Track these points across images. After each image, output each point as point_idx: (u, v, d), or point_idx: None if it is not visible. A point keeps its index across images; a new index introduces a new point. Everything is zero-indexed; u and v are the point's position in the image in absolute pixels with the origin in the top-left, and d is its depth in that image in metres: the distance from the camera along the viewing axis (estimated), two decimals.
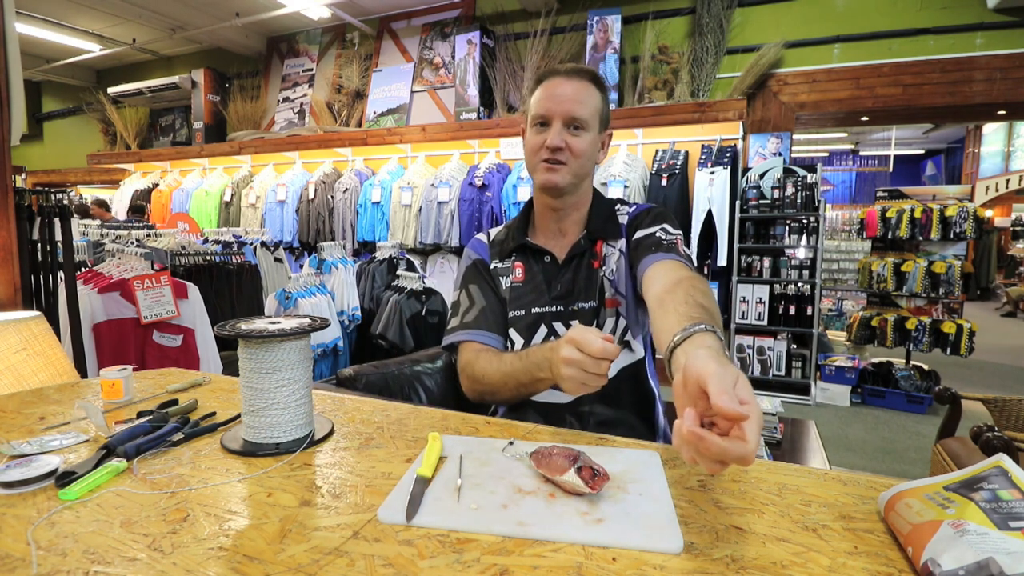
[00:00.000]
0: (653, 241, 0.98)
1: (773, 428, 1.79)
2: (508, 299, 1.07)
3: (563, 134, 0.97)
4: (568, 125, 0.98)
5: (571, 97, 0.98)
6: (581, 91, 0.99)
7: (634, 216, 1.06)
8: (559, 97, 0.98)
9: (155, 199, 5.70)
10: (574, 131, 0.98)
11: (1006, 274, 9.91)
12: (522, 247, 1.08)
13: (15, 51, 1.70)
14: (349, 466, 0.68)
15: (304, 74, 5.66)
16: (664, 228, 1.00)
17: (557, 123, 0.98)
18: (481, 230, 1.16)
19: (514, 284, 1.07)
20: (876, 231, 4.06)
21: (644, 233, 1.01)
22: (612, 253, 1.04)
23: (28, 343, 1.30)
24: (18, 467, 0.63)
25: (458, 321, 1.06)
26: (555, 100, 0.98)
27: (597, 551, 0.50)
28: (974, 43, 3.61)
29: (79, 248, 2.51)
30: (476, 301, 1.06)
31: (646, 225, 1.02)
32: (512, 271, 1.08)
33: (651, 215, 1.04)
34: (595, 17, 4.18)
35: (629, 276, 1.03)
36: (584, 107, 0.98)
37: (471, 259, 1.12)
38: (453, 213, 4.27)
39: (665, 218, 1.03)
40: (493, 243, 1.13)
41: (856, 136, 10.84)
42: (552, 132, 0.98)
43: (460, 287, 1.11)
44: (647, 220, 1.03)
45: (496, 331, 1.04)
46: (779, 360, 3.82)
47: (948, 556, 0.43)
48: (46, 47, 6.08)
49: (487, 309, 1.05)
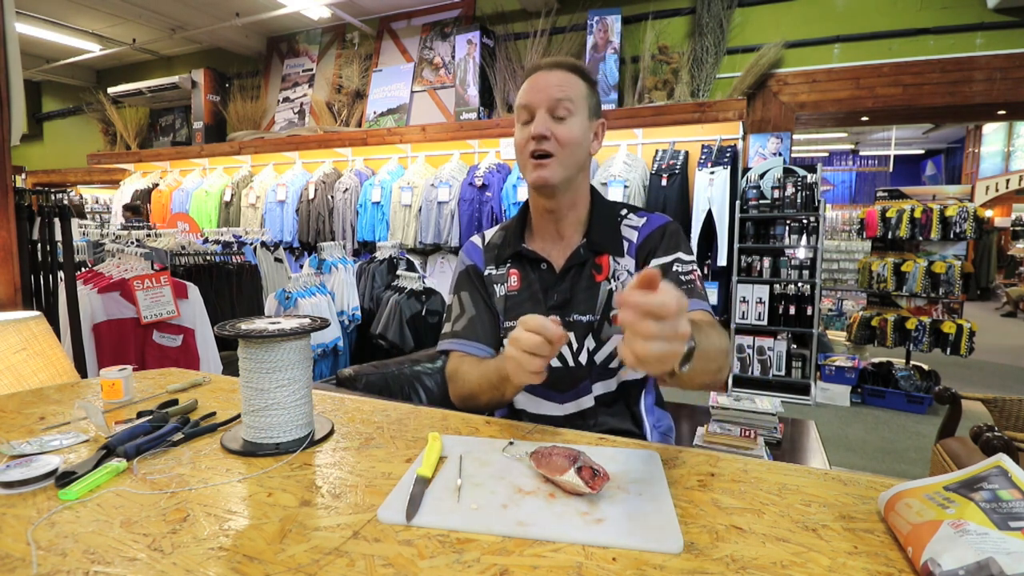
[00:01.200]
0: (671, 279, 0.94)
1: (773, 428, 1.79)
2: (504, 308, 1.03)
3: (548, 122, 0.94)
4: (552, 112, 0.94)
5: (553, 83, 0.95)
6: (564, 78, 0.96)
7: (646, 237, 1.01)
8: (540, 85, 0.96)
9: (155, 199, 5.69)
10: (559, 119, 0.95)
11: (1006, 274, 9.91)
12: (518, 254, 1.04)
13: (15, 51, 1.70)
14: (349, 466, 0.68)
15: (304, 74, 5.65)
16: (679, 258, 0.97)
17: (541, 111, 0.94)
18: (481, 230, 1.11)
19: (509, 293, 1.03)
20: (876, 231, 4.06)
21: (659, 263, 0.97)
22: (620, 272, 1.00)
23: (28, 343, 1.30)
24: (18, 467, 0.63)
25: (449, 328, 1.05)
26: (536, 89, 0.96)
27: (597, 551, 0.50)
28: (974, 43, 3.61)
29: (79, 248, 2.51)
30: (466, 310, 1.05)
31: (660, 253, 0.98)
32: (508, 279, 1.04)
33: (665, 237, 1.00)
34: (595, 17, 4.18)
35: None
36: (567, 90, 0.95)
37: (464, 264, 1.10)
38: (453, 213, 4.27)
39: (679, 240, 1.00)
40: (488, 247, 1.10)
41: (856, 136, 10.84)
42: (536, 121, 0.95)
43: (453, 292, 1.10)
44: (661, 245, 0.99)
45: (484, 341, 1.02)
46: (779, 360, 3.82)
47: (948, 556, 0.43)
48: (46, 47, 6.08)
49: (475, 319, 1.03)
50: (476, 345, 1.01)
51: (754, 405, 1.86)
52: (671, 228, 1.02)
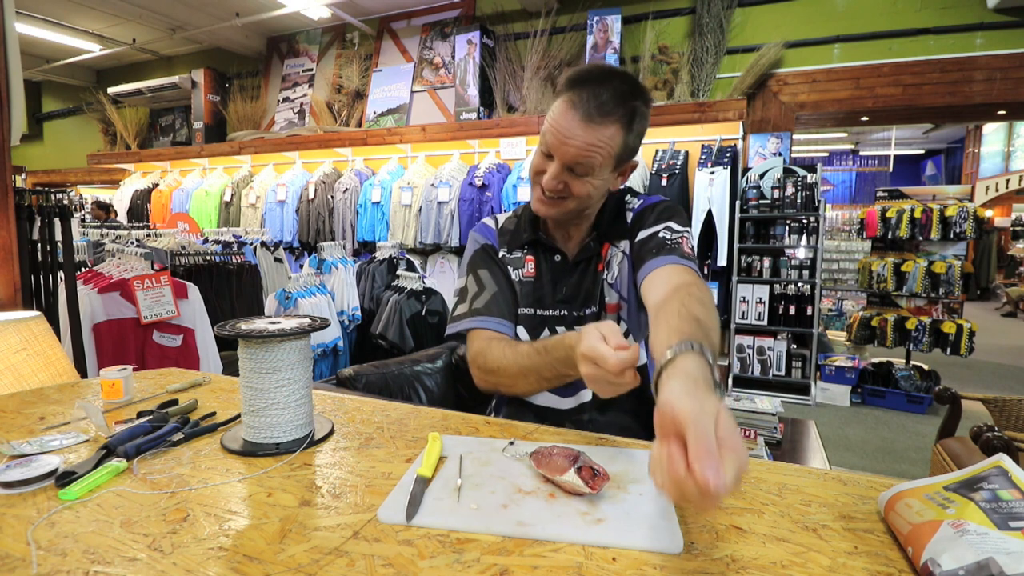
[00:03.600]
0: (656, 243, 0.92)
1: (773, 428, 1.79)
2: (520, 294, 1.01)
3: (563, 175, 0.87)
4: (571, 169, 0.87)
5: (581, 145, 0.84)
6: (598, 140, 0.83)
7: (639, 213, 0.99)
8: (566, 135, 0.84)
9: (155, 199, 5.69)
10: (579, 175, 0.87)
11: (1006, 274, 9.91)
12: (535, 241, 1.02)
13: (15, 51, 1.70)
14: (349, 466, 0.68)
15: (304, 74, 5.65)
16: (669, 226, 0.94)
17: (558, 164, 0.86)
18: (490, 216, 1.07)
19: (525, 279, 1.01)
20: (876, 231, 4.06)
21: (648, 233, 0.95)
22: (615, 255, 0.99)
23: (28, 343, 1.30)
24: (18, 467, 0.63)
25: (466, 307, 0.98)
26: (560, 137, 0.84)
27: (597, 551, 0.50)
28: (974, 43, 3.61)
29: (79, 248, 2.51)
30: (487, 286, 0.99)
31: (650, 224, 0.96)
32: (524, 264, 1.02)
33: (656, 211, 0.97)
34: (595, 17, 4.18)
35: (632, 278, 0.97)
36: (594, 157, 0.84)
37: (479, 243, 1.05)
38: (453, 213, 4.27)
39: (672, 214, 0.97)
40: (502, 230, 1.07)
41: (856, 136, 10.84)
42: (550, 173, 0.87)
43: (467, 272, 1.03)
44: (651, 218, 0.96)
45: (508, 318, 0.97)
46: (779, 360, 3.82)
47: (948, 556, 0.43)
48: (46, 47, 6.08)
49: (498, 295, 0.98)
50: (500, 322, 0.96)
51: (754, 405, 1.86)
52: (664, 204, 0.99)
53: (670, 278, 0.83)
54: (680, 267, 0.86)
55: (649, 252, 0.91)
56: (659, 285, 0.83)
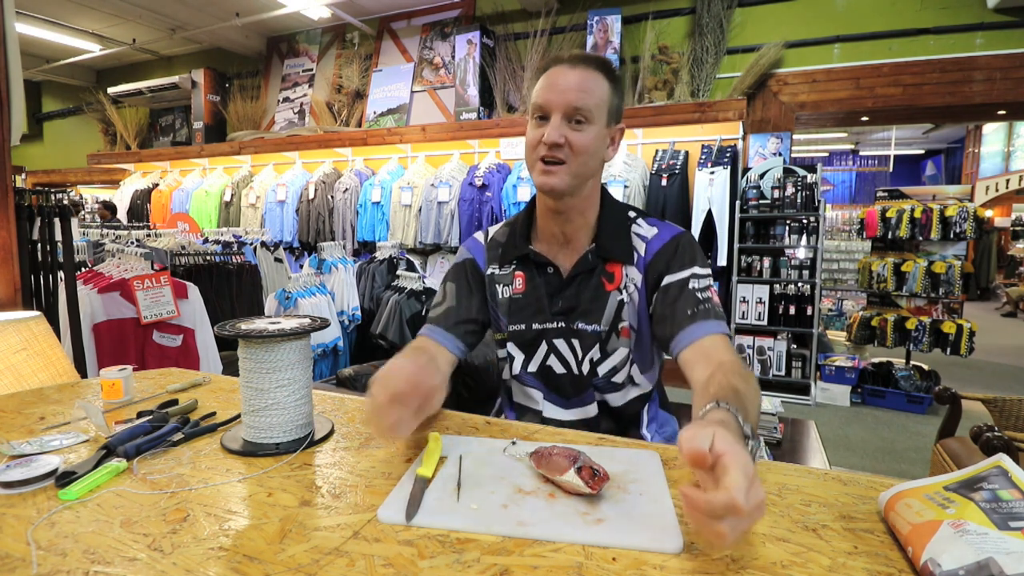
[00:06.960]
0: (688, 299, 0.88)
1: (773, 428, 1.79)
2: (508, 311, 1.01)
3: (562, 128, 0.88)
4: (569, 118, 0.88)
5: (574, 86, 0.88)
6: (586, 79, 0.89)
7: (656, 253, 0.95)
8: (560, 86, 0.88)
9: (155, 199, 5.70)
10: (576, 125, 0.88)
11: (1006, 274, 9.91)
12: (524, 256, 1.01)
13: (15, 51, 1.70)
14: (349, 466, 0.68)
15: (304, 74, 5.65)
16: (695, 273, 0.91)
17: (556, 115, 0.88)
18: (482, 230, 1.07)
19: (514, 296, 1.01)
20: (876, 231, 4.06)
21: (674, 280, 0.91)
22: (630, 281, 0.96)
23: (28, 343, 1.30)
24: (18, 467, 0.63)
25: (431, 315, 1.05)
26: (555, 89, 0.89)
27: (597, 551, 0.50)
28: (974, 43, 3.61)
29: (79, 248, 2.51)
30: (447, 299, 1.03)
31: (675, 268, 0.92)
32: (512, 281, 1.01)
33: (678, 251, 0.93)
34: (595, 17, 4.18)
35: (646, 313, 0.95)
36: (588, 96, 0.88)
37: (462, 258, 1.08)
38: (453, 213, 4.27)
39: (694, 253, 0.94)
40: (491, 244, 1.06)
41: (856, 136, 10.84)
42: (550, 126, 0.88)
43: (443, 280, 1.08)
44: (676, 261, 0.93)
45: (451, 330, 0.99)
46: (779, 360, 3.82)
47: (948, 556, 0.43)
48: (46, 47, 6.08)
49: (452, 308, 1.02)
50: (442, 333, 0.99)
51: None
52: (684, 240, 0.96)
53: (710, 355, 0.82)
54: (720, 339, 0.84)
55: (683, 313, 0.88)
56: (703, 364, 0.81)
